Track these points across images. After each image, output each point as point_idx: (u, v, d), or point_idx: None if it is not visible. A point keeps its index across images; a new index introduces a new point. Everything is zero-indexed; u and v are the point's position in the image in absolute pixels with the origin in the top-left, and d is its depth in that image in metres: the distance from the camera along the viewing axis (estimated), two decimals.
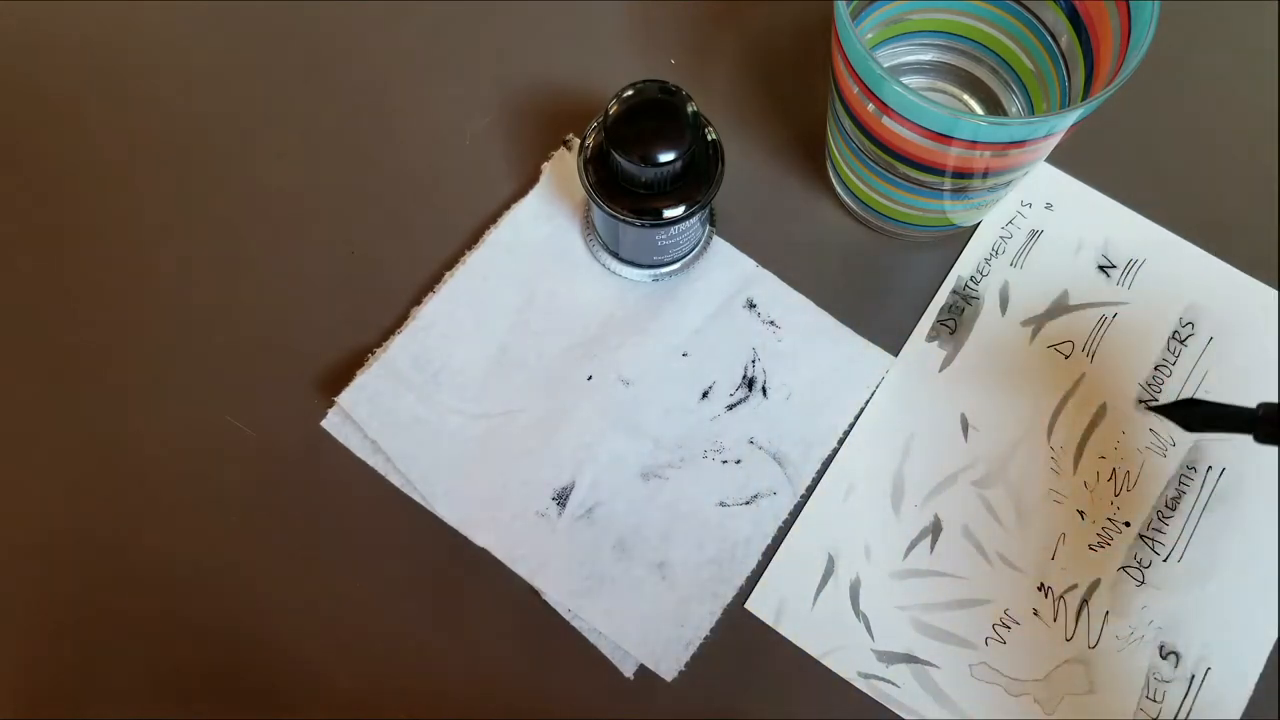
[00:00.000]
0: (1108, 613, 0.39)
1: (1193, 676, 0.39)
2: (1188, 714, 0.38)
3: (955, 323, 0.43)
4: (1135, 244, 0.44)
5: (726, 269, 0.44)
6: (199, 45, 0.48)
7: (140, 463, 0.41)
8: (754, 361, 0.42)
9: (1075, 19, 0.37)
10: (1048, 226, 0.45)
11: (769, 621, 0.39)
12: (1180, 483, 0.41)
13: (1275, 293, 0.43)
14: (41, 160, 0.46)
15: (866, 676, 0.39)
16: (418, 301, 0.43)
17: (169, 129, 0.46)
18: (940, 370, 0.43)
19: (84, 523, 0.41)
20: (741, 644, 0.39)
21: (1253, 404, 0.33)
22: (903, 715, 0.38)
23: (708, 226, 0.44)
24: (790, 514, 0.41)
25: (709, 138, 0.38)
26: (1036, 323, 0.43)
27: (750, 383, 0.42)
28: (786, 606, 0.39)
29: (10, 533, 0.41)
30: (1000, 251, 0.44)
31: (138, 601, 0.40)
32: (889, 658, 0.39)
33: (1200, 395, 0.42)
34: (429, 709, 0.39)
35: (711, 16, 0.48)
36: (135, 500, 0.41)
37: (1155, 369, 0.43)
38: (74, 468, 0.41)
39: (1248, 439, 0.33)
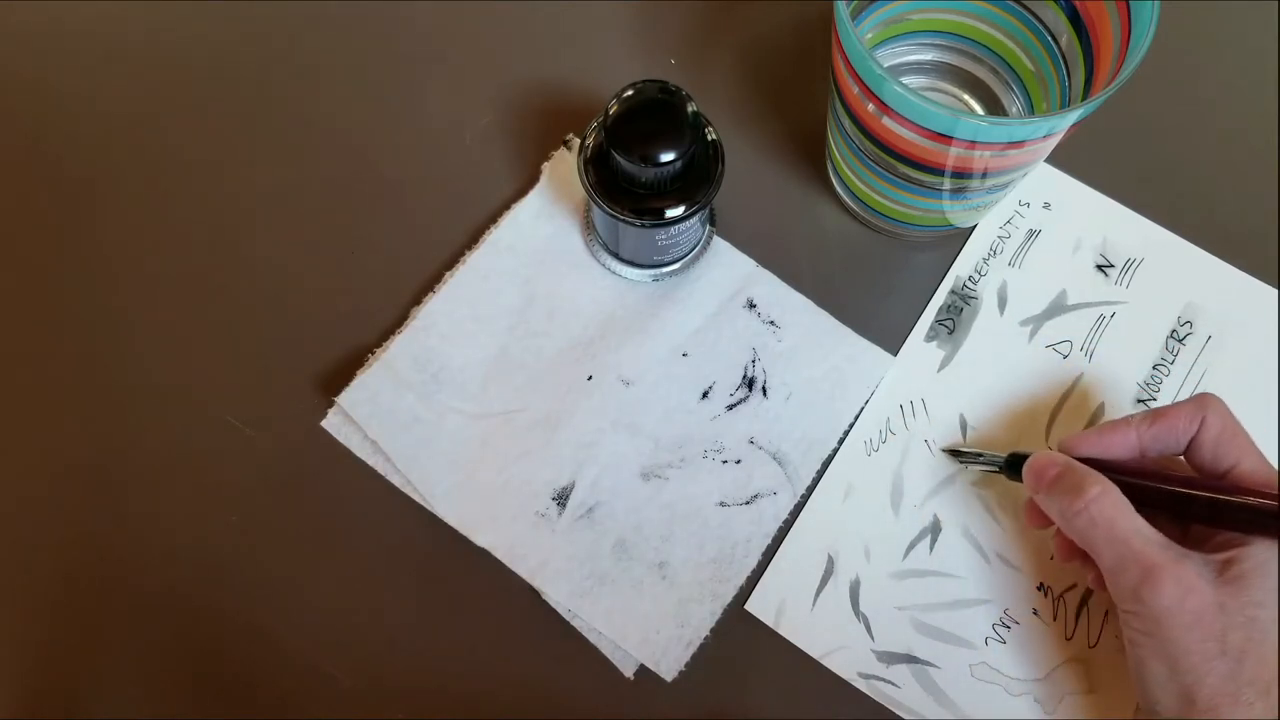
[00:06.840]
0: (1107, 612, 0.39)
1: None
2: None
3: (954, 323, 0.43)
4: (1133, 243, 0.44)
5: (726, 269, 0.44)
6: (200, 44, 0.48)
7: (140, 463, 0.41)
8: (754, 361, 0.42)
9: (1075, 19, 0.37)
10: (1045, 226, 0.45)
11: (769, 622, 0.39)
12: None
13: (1274, 291, 0.43)
14: (41, 160, 0.46)
15: (866, 677, 0.39)
16: (418, 301, 0.43)
17: (168, 128, 0.46)
18: (939, 370, 0.43)
19: (85, 523, 0.41)
20: (741, 644, 0.39)
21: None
22: (903, 715, 0.38)
23: (708, 226, 0.44)
24: (790, 514, 0.41)
25: (709, 138, 0.38)
26: (1035, 322, 0.43)
27: (750, 383, 0.42)
28: (786, 607, 0.40)
29: (11, 533, 0.41)
30: (998, 251, 0.44)
31: (138, 601, 0.40)
32: (889, 658, 0.39)
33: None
34: (429, 709, 0.39)
35: (711, 16, 0.48)
36: (136, 500, 0.41)
37: (1154, 368, 0.43)
38: (75, 468, 0.41)
39: None
